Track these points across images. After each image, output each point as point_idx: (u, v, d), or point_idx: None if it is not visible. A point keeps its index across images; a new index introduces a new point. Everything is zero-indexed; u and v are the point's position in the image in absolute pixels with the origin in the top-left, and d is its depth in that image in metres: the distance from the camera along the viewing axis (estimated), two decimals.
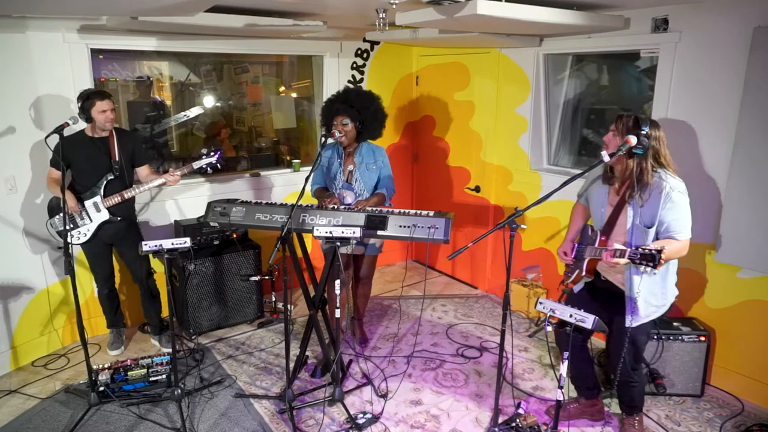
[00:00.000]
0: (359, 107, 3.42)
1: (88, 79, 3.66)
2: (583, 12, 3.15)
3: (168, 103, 5.12)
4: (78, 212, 3.37)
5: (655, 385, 3.13)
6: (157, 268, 3.90)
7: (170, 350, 3.07)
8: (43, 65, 3.49)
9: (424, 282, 5.11)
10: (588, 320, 2.23)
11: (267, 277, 4.15)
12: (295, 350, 3.52)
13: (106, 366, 3.23)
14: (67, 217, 3.29)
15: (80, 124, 3.30)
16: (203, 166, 3.59)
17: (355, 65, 4.87)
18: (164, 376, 3.28)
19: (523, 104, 4.27)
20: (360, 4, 3.13)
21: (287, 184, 4.72)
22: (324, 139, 3.25)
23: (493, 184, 4.65)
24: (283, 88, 5.51)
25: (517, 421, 2.83)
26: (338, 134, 3.37)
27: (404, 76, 5.22)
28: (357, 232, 2.84)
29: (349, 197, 3.52)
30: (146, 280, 3.72)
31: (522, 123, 4.31)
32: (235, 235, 4.12)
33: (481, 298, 4.77)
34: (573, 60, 4.20)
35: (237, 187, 4.48)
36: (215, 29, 3.59)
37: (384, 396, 3.27)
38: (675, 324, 3.23)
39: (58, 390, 3.33)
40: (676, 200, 2.38)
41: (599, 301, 2.71)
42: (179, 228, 4.02)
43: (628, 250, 2.26)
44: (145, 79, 4.92)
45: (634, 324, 2.57)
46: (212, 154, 3.61)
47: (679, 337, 3.13)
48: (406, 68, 5.21)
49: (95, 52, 3.79)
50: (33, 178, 3.55)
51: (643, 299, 2.54)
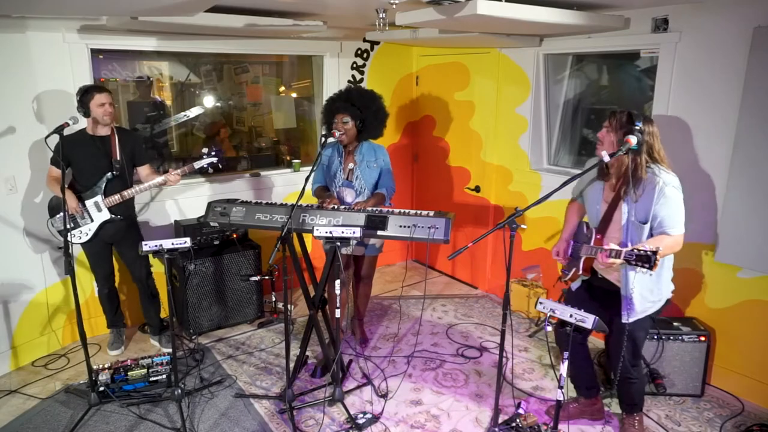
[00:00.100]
0: (360, 106, 3.42)
1: (88, 79, 3.65)
2: (583, 12, 3.15)
3: (168, 103, 5.12)
4: (79, 212, 3.37)
5: (655, 385, 3.13)
6: (157, 268, 3.91)
7: (170, 350, 3.07)
8: (43, 65, 3.49)
9: (424, 282, 5.11)
10: (588, 320, 2.23)
11: (267, 277, 4.15)
12: (295, 350, 3.52)
13: (106, 366, 3.23)
14: (68, 217, 3.29)
15: (80, 124, 3.30)
16: (204, 166, 3.60)
17: (355, 65, 4.87)
18: (164, 376, 3.28)
19: (523, 104, 4.27)
20: (360, 4, 3.13)
21: (287, 184, 4.72)
22: (324, 138, 3.25)
23: (493, 184, 4.65)
24: (283, 88, 5.51)
25: (517, 421, 2.83)
26: (338, 133, 3.37)
27: (404, 76, 5.22)
28: (357, 232, 2.84)
29: (350, 195, 3.52)
30: (146, 279, 3.72)
31: (522, 123, 4.31)
32: (235, 235, 4.12)
33: (481, 298, 4.77)
34: (573, 60, 4.20)
35: (237, 187, 4.48)
36: (215, 29, 3.59)
37: (384, 396, 3.27)
38: (675, 324, 3.23)
39: (58, 390, 3.33)
40: (669, 195, 2.38)
41: (597, 300, 2.71)
42: (179, 228, 4.02)
43: (624, 250, 2.26)
44: (144, 79, 4.92)
45: (631, 319, 2.57)
46: (213, 153, 3.61)
47: (679, 337, 3.13)
48: (406, 68, 5.21)
49: (95, 52, 3.79)
50: (33, 178, 3.55)
51: (639, 295, 2.53)
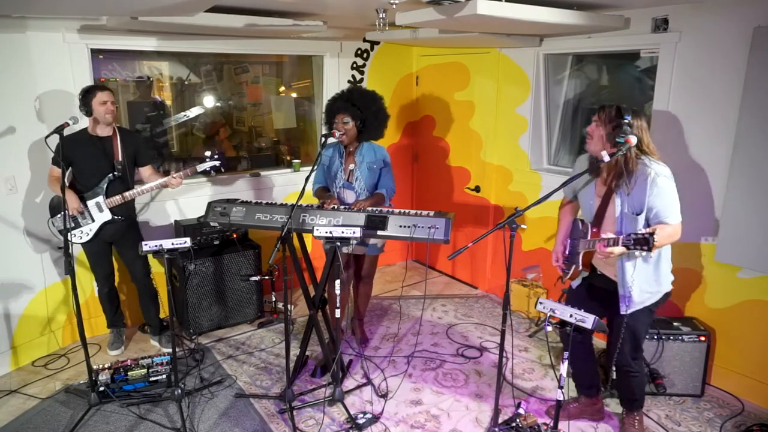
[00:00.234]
0: (361, 106, 3.42)
1: (88, 79, 3.65)
2: (583, 12, 3.15)
3: (168, 103, 5.12)
4: (80, 212, 3.37)
5: (655, 385, 3.13)
6: (158, 268, 3.91)
7: (170, 350, 3.07)
8: (43, 65, 3.49)
9: (424, 282, 5.11)
10: (588, 320, 2.23)
11: (267, 277, 4.15)
12: (295, 350, 3.52)
13: (106, 366, 3.22)
14: (69, 217, 3.29)
15: (81, 124, 3.31)
16: (206, 169, 3.61)
17: (355, 65, 4.87)
18: (164, 376, 3.28)
19: (523, 104, 4.27)
20: (360, 4, 3.13)
21: (287, 184, 4.72)
22: (324, 138, 3.25)
23: (493, 184, 4.65)
24: (283, 88, 5.51)
25: (517, 421, 2.83)
26: (338, 133, 3.37)
27: (404, 76, 5.22)
28: (357, 232, 2.84)
29: (350, 196, 3.52)
30: (144, 279, 3.72)
31: (522, 123, 4.31)
32: (235, 235, 4.12)
33: (481, 298, 4.77)
34: (573, 60, 4.20)
35: (237, 187, 4.48)
36: (215, 29, 3.59)
37: (384, 396, 3.27)
38: (675, 324, 3.23)
39: (58, 390, 3.33)
40: (661, 185, 2.38)
41: (597, 299, 2.71)
42: (179, 228, 4.02)
43: (621, 237, 2.27)
44: (144, 79, 4.92)
45: (629, 311, 2.56)
46: (215, 157, 3.62)
47: (679, 337, 3.13)
48: (406, 68, 5.21)
49: (95, 52, 3.79)
50: (33, 178, 3.55)
51: (637, 286, 2.53)
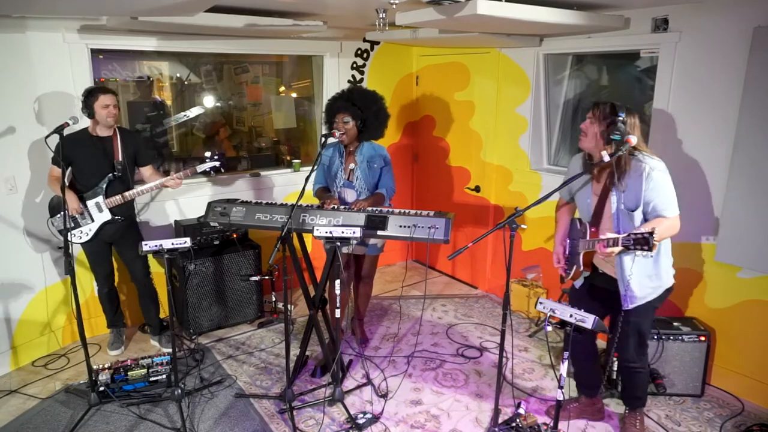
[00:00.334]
0: (361, 106, 3.42)
1: (88, 79, 3.66)
2: (583, 12, 3.15)
3: (168, 103, 5.12)
4: (80, 213, 3.37)
5: (655, 385, 3.12)
6: (158, 268, 3.90)
7: (170, 350, 3.07)
8: (43, 65, 3.49)
9: (424, 282, 5.11)
10: (588, 320, 2.23)
11: (267, 277, 4.15)
12: (295, 350, 3.52)
13: (106, 366, 3.22)
14: (69, 217, 3.29)
15: (82, 123, 3.30)
16: (206, 170, 3.61)
17: (355, 65, 4.87)
18: (164, 376, 3.28)
19: (523, 104, 4.27)
20: (360, 4, 3.13)
21: (287, 184, 4.72)
22: (324, 138, 3.25)
23: (493, 184, 4.65)
24: (283, 88, 5.51)
25: (517, 421, 2.83)
26: (338, 133, 3.37)
27: (404, 76, 5.22)
28: (357, 232, 2.84)
29: (350, 196, 3.52)
30: (144, 279, 3.72)
31: (522, 123, 4.31)
32: (235, 235, 4.12)
33: (481, 298, 4.77)
34: (573, 60, 4.20)
35: (237, 187, 4.48)
36: (215, 29, 3.59)
37: (384, 396, 3.27)
38: (675, 324, 3.22)
39: (58, 390, 3.33)
40: (656, 179, 2.38)
41: (600, 299, 2.71)
42: (179, 228, 4.02)
43: (621, 237, 2.26)
44: (145, 79, 4.92)
45: (631, 306, 2.56)
46: (215, 157, 3.62)
47: (679, 337, 3.13)
48: (406, 68, 5.21)
49: (95, 52, 3.79)
50: (33, 178, 3.55)
51: (637, 281, 2.52)
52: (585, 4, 3.09)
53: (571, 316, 2.28)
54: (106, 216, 3.42)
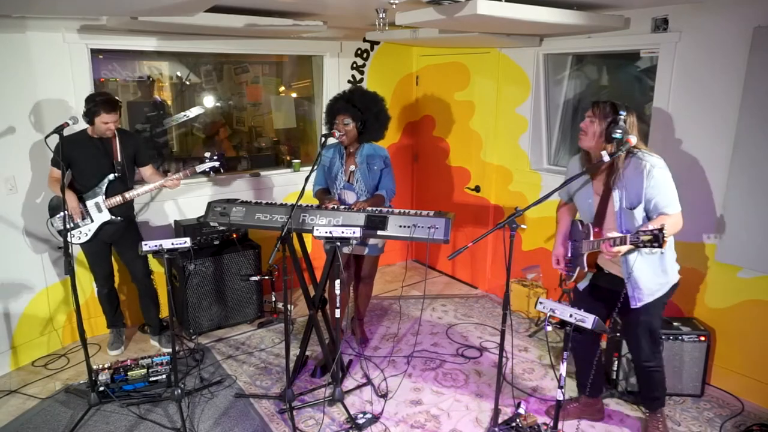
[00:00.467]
0: (362, 107, 3.41)
1: (88, 80, 3.66)
2: (583, 12, 3.15)
3: (168, 103, 5.12)
4: (79, 213, 3.37)
5: None
6: (158, 268, 3.90)
7: (170, 350, 3.07)
8: (43, 65, 3.49)
9: (424, 282, 5.11)
10: (588, 320, 2.23)
11: (267, 277, 4.15)
12: (295, 350, 3.52)
13: (106, 366, 3.23)
14: (68, 217, 3.29)
15: (81, 124, 3.30)
16: (206, 170, 3.61)
17: (355, 65, 4.87)
18: (164, 376, 3.28)
19: (523, 104, 4.27)
20: (360, 4, 3.13)
21: (287, 184, 4.72)
22: (324, 138, 3.25)
23: (493, 184, 4.65)
24: (283, 88, 5.51)
25: (517, 421, 2.83)
26: (338, 134, 3.37)
27: (404, 76, 5.22)
28: (357, 232, 2.84)
29: (351, 197, 3.52)
30: (144, 279, 3.72)
31: (522, 123, 4.31)
32: (235, 235, 4.12)
33: (481, 298, 4.77)
34: (573, 60, 4.20)
35: (237, 187, 4.48)
36: (215, 29, 3.59)
37: (384, 396, 3.27)
38: (675, 324, 3.22)
39: (58, 390, 3.33)
40: (657, 176, 2.38)
41: (605, 300, 2.69)
42: (179, 228, 4.02)
43: (628, 236, 2.24)
44: (145, 79, 4.92)
45: (640, 304, 2.55)
46: (215, 158, 3.61)
47: (679, 337, 3.13)
48: (406, 68, 5.21)
49: (95, 52, 3.79)
50: (33, 178, 3.55)
51: (644, 279, 2.52)
52: (585, 4, 3.09)
53: (571, 316, 2.28)
54: (106, 216, 3.42)
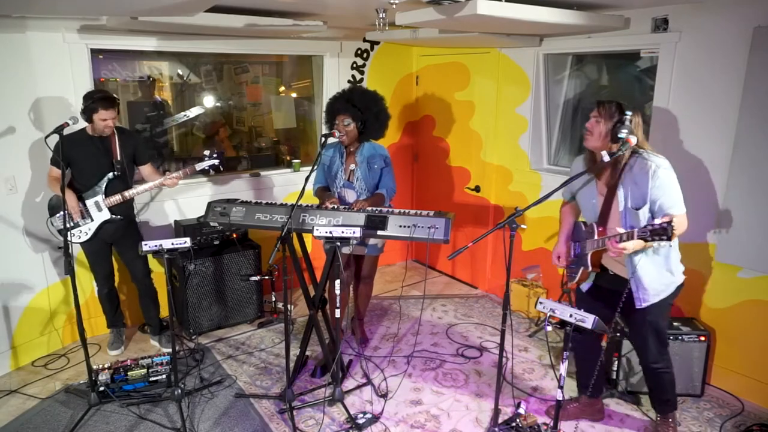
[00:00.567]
0: (362, 107, 3.41)
1: (88, 79, 3.66)
2: (583, 12, 3.15)
3: (168, 103, 5.12)
4: (78, 212, 3.37)
5: None
6: (158, 268, 3.90)
7: (170, 350, 3.07)
8: (43, 65, 3.49)
9: (424, 282, 5.11)
10: (588, 320, 2.23)
11: (267, 277, 4.15)
12: (295, 350, 3.52)
13: (106, 366, 3.23)
14: (68, 217, 3.29)
15: (81, 123, 3.30)
16: (206, 168, 3.60)
17: (355, 65, 4.87)
18: (164, 376, 3.28)
19: (523, 104, 4.27)
20: (360, 4, 3.13)
21: (287, 184, 4.72)
22: (324, 138, 3.25)
23: (493, 184, 4.65)
24: (283, 88, 5.51)
25: (517, 421, 2.83)
26: (338, 134, 3.37)
27: (404, 76, 5.22)
28: (357, 232, 2.83)
29: (351, 196, 3.52)
30: (144, 279, 3.72)
31: (522, 123, 4.31)
32: (235, 235, 4.12)
33: (481, 298, 4.77)
34: (573, 60, 4.20)
35: (237, 187, 4.48)
36: (215, 29, 3.59)
37: (384, 396, 3.27)
38: (675, 324, 3.22)
39: (58, 390, 3.33)
40: (662, 177, 2.38)
41: (610, 302, 2.68)
42: (179, 228, 4.02)
43: (635, 231, 2.23)
44: (145, 79, 4.92)
45: (644, 305, 2.54)
46: (215, 156, 3.61)
47: (679, 337, 3.13)
48: (406, 68, 5.21)
49: (95, 52, 3.79)
50: (33, 178, 3.55)
51: (650, 279, 2.51)
52: (585, 4, 3.09)
53: (571, 316, 2.28)
54: (106, 215, 3.42)
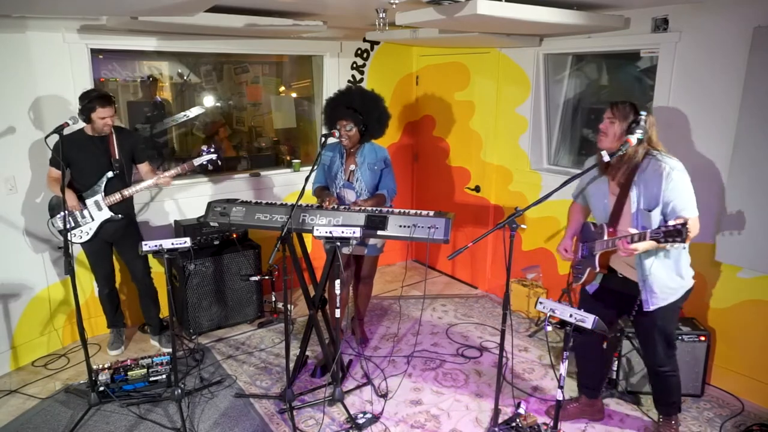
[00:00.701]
0: (363, 111, 3.40)
1: (88, 79, 3.66)
2: (583, 12, 3.15)
3: (168, 102, 5.12)
4: (79, 210, 3.37)
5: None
6: (158, 268, 3.90)
7: (170, 350, 3.07)
8: (43, 65, 3.49)
9: (424, 282, 5.11)
10: (588, 320, 2.23)
11: (267, 277, 4.15)
12: (295, 350, 3.52)
13: (106, 366, 3.23)
14: (69, 216, 3.29)
15: (80, 123, 3.30)
16: (204, 163, 3.59)
17: (355, 65, 4.87)
18: (164, 376, 3.28)
19: (523, 104, 4.27)
20: (360, 4, 3.13)
21: (287, 184, 4.72)
22: (324, 138, 3.24)
23: (493, 184, 4.65)
24: (283, 88, 5.51)
25: (517, 421, 2.83)
26: (338, 135, 3.36)
27: (404, 76, 5.22)
28: (357, 232, 2.84)
29: (350, 197, 3.52)
30: (145, 279, 3.73)
31: (522, 123, 4.31)
32: (235, 235, 4.12)
33: (481, 298, 4.77)
34: (573, 60, 4.20)
35: (237, 187, 4.48)
36: (215, 29, 3.59)
37: (384, 396, 3.27)
38: None
39: (58, 390, 3.33)
40: (676, 179, 2.37)
41: (616, 304, 2.68)
42: (179, 228, 4.02)
43: (647, 232, 2.21)
44: (145, 79, 4.92)
45: (652, 307, 2.53)
46: (212, 150, 3.61)
47: (679, 337, 3.12)
48: (406, 68, 5.21)
49: (95, 52, 3.79)
50: (33, 178, 3.55)
51: (660, 282, 2.50)
52: (585, 4, 3.09)
53: (571, 316, 2.28)
54: (106, 214, 3.42)
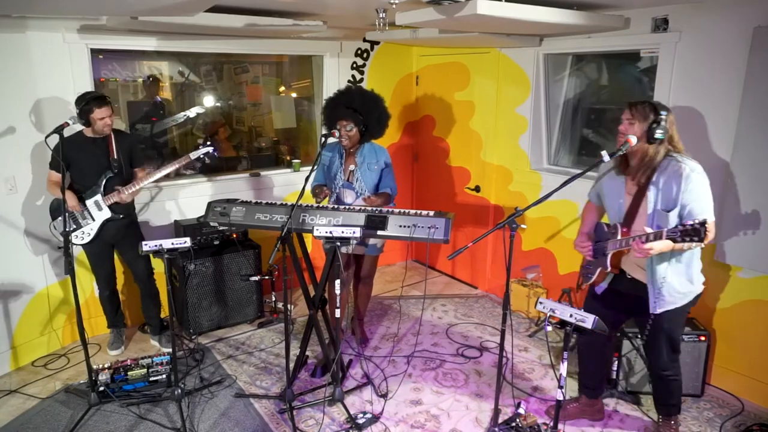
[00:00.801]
0: (363, 111, 3.40)
1: (88, 79, 3.66)
2: (583, 12, 3.15)
3: (168, 102, 5.12)
4: (80, 210, 3.37)
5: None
6: (158, 268, 3.90)
7: (170, 350, 3.07)
8: (43, 65, 3.49)
9: (424, 282, 5.11)
10: (588, 320, 2.22)
11: (267, 277, 4.15)
12: (295, 350, 3.52)
13: (106, 366, 3.23)
14: (70, 218, 3.29)
15: (79, 125, 3.31)
16: (201, 157, 3.57)
17: (355, 65, 4.87)
18: (164, 376, 3.29)
19: (523, 104, 4.27)
20: (360, 4, 3.13)
21: (287, 184, 4.72)
22: (324, 139, 3.24)
23: (493, 184, 4.65)
24: (283, 88, 5.52)
25: (517, 421, 2.83)
26: (338, 135, 3.36)
27: (404, 76, 5.22)
28: (357, 232, 2.84)
29: (350, 196, 3.52)
30: (146, 279, 3.72)
31: (522, 123, 4.31)
32: (235, 235, 4.12)
33: (481, 298, 4.77)
34: (573, 60, 4.19)
35: (237, 187, 4.48)
36: (215, 29, 3.59)
37: (384, 396, 3.27)
38: None
39: (58, 390, 3.33)
40: (695, 181, 2.35)
41: (624, 306, 2.67)
42: (179, 228, 4.02)
43: (664, 231, 2.19)
44: (145, 79, 4.92)
45: (659, 310, 2.51)
46: (208, 143, 3.59)
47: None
48: (406, 68, 5.21)
49: (95, 52, 3.79)
50: (33, 178, 3.55)
51: (670, 286, 2.48)
52: (585, 4, 3.09)
53: (571, 316, 2.27)
54: (107, 214, 3.42)
